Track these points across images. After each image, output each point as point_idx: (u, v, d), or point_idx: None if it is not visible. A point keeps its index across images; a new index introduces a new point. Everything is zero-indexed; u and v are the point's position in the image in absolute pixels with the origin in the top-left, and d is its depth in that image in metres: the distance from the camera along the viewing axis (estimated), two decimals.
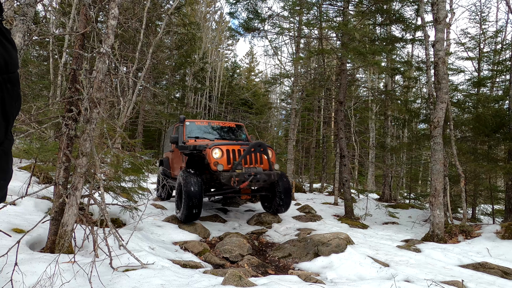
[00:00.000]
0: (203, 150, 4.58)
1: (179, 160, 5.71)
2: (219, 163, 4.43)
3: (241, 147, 4.67)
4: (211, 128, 6.15)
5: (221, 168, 4.36)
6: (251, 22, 9.97)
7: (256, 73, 34.12)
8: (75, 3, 8.89)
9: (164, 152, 7.39)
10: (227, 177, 4.30)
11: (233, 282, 2.17)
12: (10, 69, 0.50)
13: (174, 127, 6.36)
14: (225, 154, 4.54)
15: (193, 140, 5.44)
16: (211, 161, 4.44)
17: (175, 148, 5.71)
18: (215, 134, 6.04)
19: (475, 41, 8.57)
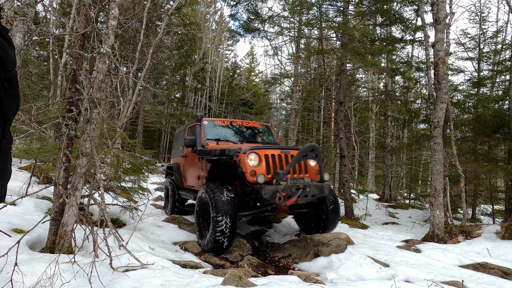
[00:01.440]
0: (234, 156, 3.53)
1: (196, 167, 4.66)
2: (258, 173, 3.45)
3: (281, 152, 3.70)
4: (234, 128, 5.13)
5: (262, 180, 3.38)
6: (251, 23, 9.98)
7: (256, 73, 34.14)
8: (75, 4, 8.90)
9: (173, 157, 6.28)
10: (271, 191, 3.28)
11: (233, 282, 2.17)
12: (7, 68, 0.50)
13: (186, 128, 5.49)
14: (263, 161, 3.55)
15: (213, 143, 4.49)
16: (247, 169, 3.41)
17: (191, 153, 4.73)
18: (239, 136, 5.02)
19: (475, 41, 8.57)
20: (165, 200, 6.13)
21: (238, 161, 3.49)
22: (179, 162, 5.67)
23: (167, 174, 6.33)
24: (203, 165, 4.37)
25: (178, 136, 6.11)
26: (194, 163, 4.77)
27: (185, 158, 5.24)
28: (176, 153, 5.99)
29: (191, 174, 4.95)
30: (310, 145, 3.40)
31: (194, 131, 4.75)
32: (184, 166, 5.33)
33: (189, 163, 5.04)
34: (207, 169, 4.19)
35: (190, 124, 5.38)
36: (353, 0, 8.66)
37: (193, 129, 4.89)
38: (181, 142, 5.64)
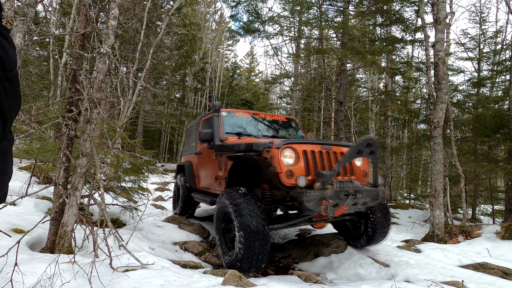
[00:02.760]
0: (264, 152, 2.85)
1: (212, 166, 3.96)
2: (295, 174, 2.73)
3: (322, 148, 2.96)
4: (257, 121, 4.31)
5: (303, 183, 2.66)
6: (251, 24, 9.98)
7: (256, 73, 34.15)
8: (75, 4, 8.90)
9: (184, 155, 5.65)
10: (316, 198, 2.57)
11: (233, 283, 2.17)
12: (7, 67, 0.50)
13: (200, 121, 4.86)
14: (301, 159, 2.81)
15: (234, 137, 3.80)
16: (282, 169, 2.70)
17: (207, 150, 4.12)
18: (262, 130, 4.23)
19: (475, 41, 8.58)
20: (173, 203, 5.67)
21: (270, 158, 2.75)
22: (191, 160, 5.01)
23: (177, 174, 5.80)
24: (221, 163, 3.63)
25: (190, 131, 5.48)
26: (210, 161, 4.03)
27: (199, 156, 4.57)
28: (188, 150, 5.38)
29: (206, 174, 4.25)
30: (366, 139, 2.65)
31: (211, 124, 4.08)
32: (198, 164, 4.66)
33: (204, 161, 4.33)
34: (227, 168, 3.42)
35: (205, 116, 4.72)
36: (353, 0, 8.66)
37: (209, 122, 4.24)
38: (193, 138, 5.07)
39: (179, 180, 5.38)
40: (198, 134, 4.20)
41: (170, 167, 15.52)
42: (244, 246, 2.63)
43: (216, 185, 3.86)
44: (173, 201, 5.67)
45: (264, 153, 2.86)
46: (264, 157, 2.85)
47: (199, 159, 4.61)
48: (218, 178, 3.78)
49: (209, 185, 4.14)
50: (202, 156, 4.45)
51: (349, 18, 8.57)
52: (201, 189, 4.56)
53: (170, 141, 19.27)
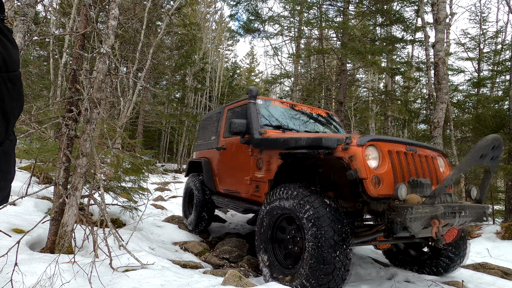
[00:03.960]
0: (339, 149, 2.17)
1: (246, 164, 3.24)
2: (384, 181, 2.11)
3: (407, 149, 2.35)
4: (296, 113, 3.68)
5: (404, 194, 2.01)
6: (251, 24, 9.98)
7: (256, 73, 34.16)
8: (75, 4, 8.90)
9: (198, 150, 4.85)
10: (425, 216, 1.94)
11: (233, 283, 2.17)
12: (10, 68, 0.50)
13: (224, 110, 4.12)
14: (387, 161, 2.18)
15: (272, 131, 3.19)
16: (368, 174, 2.04)
17: (237, 144, 3.44)
18: (302, 124, 3.59)
19: (475, 41, 8.58)
20: (184, 208, 4.71)
21: (348, 158, 2.09)
22: (209, 156, 4.25)
23: (189, 172, 4.96)
24: (261, 162, 2.93)
25: (208, 123, 4.73)
26: (242, 158, 3.32)
27: (223, 152, 3.82)
28: (204, 144, 4.56)
29: (234, 173, 3.53)
30: (494, 139, 1.96)
31: (244, 113, 3.48)
32: (220, 162, 3.89)
33: (231, 158, 3.62)
34: (272, 169, 2.75)
35: (232, 104, 3.97)
36: (353, 0, 8.66)
37: (241, 111, 3.60)
38: (213, 130, 4.36)
39: (192, 181, 4.46)
40: (229, 125, 3.29)
41: (170, 167, 15.53)
42: (318, 264, 1.99)
43: (250, 188, 3.11)
44: (184, 208, 4.71)
45: (339, 151, 2.15)
46: (338, 156, 2.15)
47: (223, 156, 3.82)
48: (255, 180, 3.05)
49: (239, 187, 3.38)
50: (229, 152, 3.69)
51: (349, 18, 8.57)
52: (225, 193, 3.76)
53: (170, 141, 19.27)
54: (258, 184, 3.02)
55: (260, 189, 2.98)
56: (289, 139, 2.62)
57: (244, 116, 3.47)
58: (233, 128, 3.13)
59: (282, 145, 2.67)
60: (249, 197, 3.21)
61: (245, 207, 3.17)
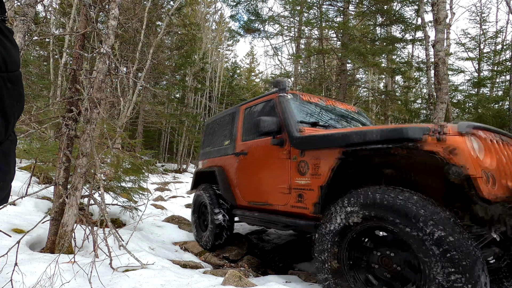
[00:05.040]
0: (430, 140, 1.73)
1: (281, 169, 2.74)
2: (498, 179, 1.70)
3: (503, 140, 1.96)
4: (326, 110, 3.26)
5: None
6: (251, 24, 9.98)
7: (257, 73, 34.17)
8: (75, 4, 8.91)
9: (206, 159, 4.26)
10: None
11: (233, 283, 2.17)
12: (10, 68, 0.50)
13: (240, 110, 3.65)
14: (494, 154, 1.77)
15: (310, 128, 2.76)
16: (478, 171, 1.59)
17: (267, 146, 2.94)
18: (335, 122, 3.17)
19: (475, 41, 8.59)
20: (196, 225, 4.07)
21: (447, 151, 1.65)
22: (224, 164, 3.71)
23: (196, 185, 4.37)
24: (304, 166, 2.47)
25: (216, 127, 4.22)
26: (273, 162, 2.84)
27: (243, 157, 3.32)
28: (215, 151, 4.02)
29: (261, 182, 3.00)
30: None
31: (270, 110, 3.03)
32: (241, 169, 3.36)
33: (256, 164, 3.10)
34: (325, 173, 2.25)
35: (249, 102, 3.50)
36: (353, 0, 8.66)
37: (265, 108, 3.16)
38: (224, 135, 3.88)
39: (203, 193, 3.87)
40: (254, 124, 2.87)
41: (170, 167, 15.53)
42: None
43: (289, 198, 2.59)
44: (195, 224, 4.09)
45: (429, 143, 1.72)
46: (428, 150, 1.72)
47: (244, 162, 3.32)
48: (296, 188, 2.53)
49: (271, 198, 2.85)
50: (252, 156, 3.19)
51: (349, 18, 8.57)
52: (251, 205, 3.19)
53: (170, 141, 19.27)
54: (302, 193, 2.47)
55: (305, 199, 2.43)
56: (351, 134, 2.12)
57: (268, 114, 3.02)
58: (262, 127, 2.64)
59: (341, 142, 2.16)
60: (288, 210, 2.62)
61: (285, 222, 2.57)
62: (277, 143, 2.76)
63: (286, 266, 3.42)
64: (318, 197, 2.31)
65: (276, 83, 2.97)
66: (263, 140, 3.02)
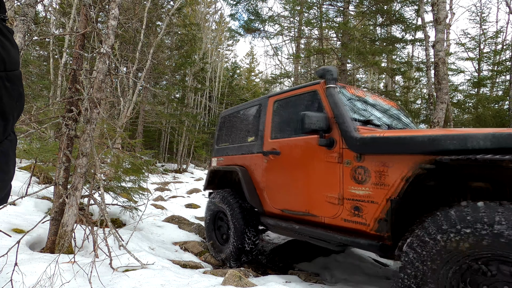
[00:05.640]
0: None
1: (324, 175, 2.39)
2: None
3: None
4: (372, 105, 2.83)
5: None
6: (251, 23, 9.98)
7: (256, 73, 34.17)
8: (75, 4, 8.91)
9: (221, 155, 3.81)
10: None
11: (233, 283, 2.17)
12: (8, 67, 0.50)
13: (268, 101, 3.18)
14: None
15: (365, 128, 2.38)
16: None
17: (315, 146, 2.47)
18: (382, 118, 2.76)
19: (475, 41, 8.59)
20: (210, 235, 3.59)
21: None
22: (247, 164, 3.27)
23: (211, 182, 3.86)
24: (364, 173, 2.08)
25: (236, 120, 3.72)
26: (318, 165, 2.43)
27: (274, 158, 2.88)
28: (235, 148, 3.55)
29: (301, 187, 2.59)
30: None
31: (310, 104, 2.63)
32: (271, 171, 2.94)
33: (294, 166, 2.69)
34: (396, 183, 1.88)
35: (281, 94, 3.02)
36: (353, 0, 8.67)
37: (303, 101, 2.73)
38: (248, 130, 3.42)
39: (220, 197, 3.37)
40: (302, 120, 2.29)
41: (170, 167, 15.53)
42: None
43: (341, 210, 2.21)
44: (209, 235, 3.61)
45: None
46: None
47: (275, 163, 2.88)
48: (351, 199, 2.15)
49: (313, 208, 2.45)
50: (287, 157, 2.75)
51: (349, 18, 8.57)
52: (285, 214, 2.76)
53: (170, 141, 19.28)
54: (359, 205, 2.10)
55: (364, 213, 2.06)
56: (443, 138, 1.72)
57: (307, 108, 2.63)
58: (307, 124, 2.24)
59: (427, 147, 1.78)
60: (338, 224, 2.24)
61: (340, 240, 2.13)
62: (325, 144, 2.34)
63: (286, 266, 3.43)
64: (384, 211, 1.92)
65: (324, 72, 2.52)
66: (303, 139, 2.59)
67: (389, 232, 1.88)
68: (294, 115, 2.80)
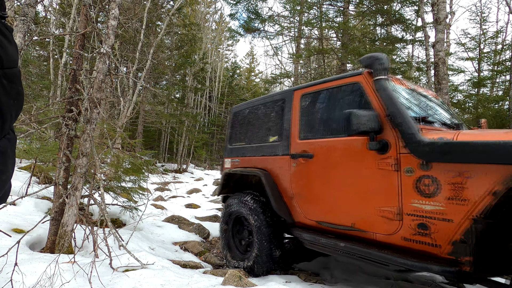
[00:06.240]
0: None
1: (377, 185, 2.01)
2: None
3: None
4: (421, 99, 2.43)
5: None
6: (251, 23, 9.98)
7: (256, 73, 34.18)
8: (75, 4, 8.91)
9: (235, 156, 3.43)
10: None
11: (233, 283, 2.17)
12: (6, 65, 0.50)
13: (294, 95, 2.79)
14: None
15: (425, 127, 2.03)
16: None
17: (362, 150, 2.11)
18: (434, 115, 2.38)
19: (475, 41, 8.59)
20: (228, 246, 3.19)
21: None
22: (270, 167, 2.90)
23: (225, 187, 3.48)
24: (432, 184, 1.77)
25: (255, 116, 3.27)
26: (366, 172, 2.07)
27: (306, 161, 2.52)
28: (254, 149, 3.15)
29: (346, 197, 2.21)
30: None
31: (355, 99, 2.25)
32: (302, 176, 2.56)
33: (337, 173, 2.28)
34: (480, 198, 1.58)
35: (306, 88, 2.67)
36: (353, 0, 8.67)
37: (341, 95, 2.36)
38: (268, 128, 3.04)
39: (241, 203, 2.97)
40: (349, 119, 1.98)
41: (170, 167, 15.53)
42: None
43: (402, 227, 1.87)
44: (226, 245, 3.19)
45: None
46: None
47: (307, 168, 2.51)
48: (415, 215, 1.81)
49: (364, 222, 2.09)
50: (324, 161, 2.38)
51: (349, 18, 8.58)
52: (322, 227, 2.41)
53: (170, 141, 19.28)
54: (427, 223, 1.77)
55: (433, 232, 1.74)
56: None
57: (346, 104, 2.28)
58: (356, 125, 1.92)
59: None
60: (397, 243, 1.90)
61: (401, 263, 1.77)
62: (377, 148, 1.97)
63: (286, 266, 3.43)
64: (462, 232, 1.62)
65: (372, 61, 2.11)
66: (344, 141, 2.23)
67: (470, 257, 1.57)
68: (329, 112, 2.41)
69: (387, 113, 1.99)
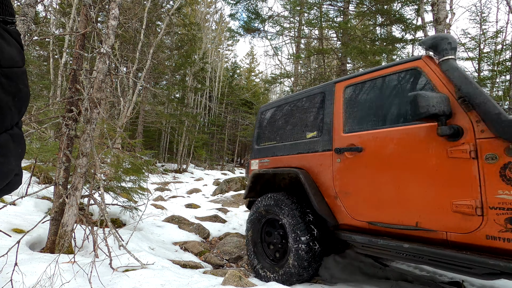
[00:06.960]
0: None
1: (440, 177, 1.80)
2: None
3: None
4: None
5: None
6: (251, 23, 9.98)
7: (256, 73, 34.19)
8: (75, 4, 8.91)
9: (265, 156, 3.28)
10: None
11: (233, 283, 2.17)
12: (3, 64, 0.51)
13: (335, 88, 2.64)
14: None
15: None
16: None
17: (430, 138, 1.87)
18: None
19: (475, 41, 8.60)
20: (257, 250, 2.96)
21: None
22: (308, 166, 2.71)
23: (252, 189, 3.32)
24: None
25: (288, 114, 3.14)
26: (434, 163, 1.85)
27: (354, 156, 2.32)
28: (288, 147, 2.98)
29: (408, 193, 1.97)
30: None
31: (413, 86, 2.08)
32: (351, 173, 2.33)
33: (395, 165, 2.05)
34: None
35: (352, 79, 2.51)
36: (353, 0, 8.67)
37: (394, 83, 2.22)
38: (304, 123, 2.88)
39: (273, 205, 2.78)
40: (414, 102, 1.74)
41: (170, 167, 15.54)
42: None
43: (486, 224, 1.63)
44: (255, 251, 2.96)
45: None
46: None
47: (355, 162, 2.30)
48: (503, 208, 1.59)
49: (431, 220, 1.84)
50: (380, 154, 2.14)
51: (349, 18, 8.58)
52: (375, 228, 2.14)
53: (170, 141, 19.29)
54: None
55: None
56: None
57: (402, 93, 2.11)
58: (424, 107, 1.69)
59: None
60: (476, 242, 1.67)
61: (491, 264, 1.54)
62: (450, 133, 1.75)
63: None
64: None
65: (436, 42, 1.95)
66: (403, 130, 2.01)
67: None
68: (381, 101, 2.24)
69: (461, 95, 1.78)
